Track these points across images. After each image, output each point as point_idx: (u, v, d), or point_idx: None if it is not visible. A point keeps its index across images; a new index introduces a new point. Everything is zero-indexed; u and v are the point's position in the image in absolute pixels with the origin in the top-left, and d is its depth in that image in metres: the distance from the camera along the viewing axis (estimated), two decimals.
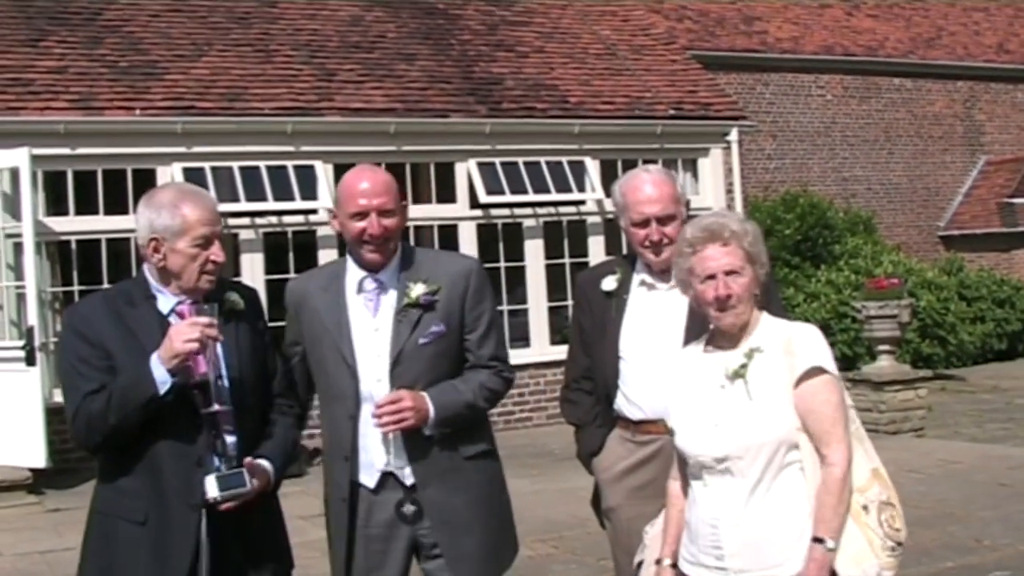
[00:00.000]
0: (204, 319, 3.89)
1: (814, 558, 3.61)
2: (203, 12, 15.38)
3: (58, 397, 12.13)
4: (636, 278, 4.75)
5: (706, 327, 3.98)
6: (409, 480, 4.30)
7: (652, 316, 4.50)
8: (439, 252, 4.71)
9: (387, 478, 4.32)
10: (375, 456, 4.31)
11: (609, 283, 4.81)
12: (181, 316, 4.00)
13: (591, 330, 4.86)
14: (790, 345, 3.76)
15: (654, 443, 4.57)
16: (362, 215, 4.25)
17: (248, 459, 3.99)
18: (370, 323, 4.35)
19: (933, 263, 21.99)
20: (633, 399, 4.65)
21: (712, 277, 3.78)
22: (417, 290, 4.31)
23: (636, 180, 4.72)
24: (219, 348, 4.00)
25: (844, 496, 3.64)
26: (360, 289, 4.39)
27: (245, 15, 15.57)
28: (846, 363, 17.60)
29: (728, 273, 3.77)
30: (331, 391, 4.38)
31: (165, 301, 4.04)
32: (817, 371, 3.71)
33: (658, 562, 4.03)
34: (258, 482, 3.98)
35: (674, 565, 3.95)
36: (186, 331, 3.82)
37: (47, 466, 11.40)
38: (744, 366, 3.76)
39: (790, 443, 3.69)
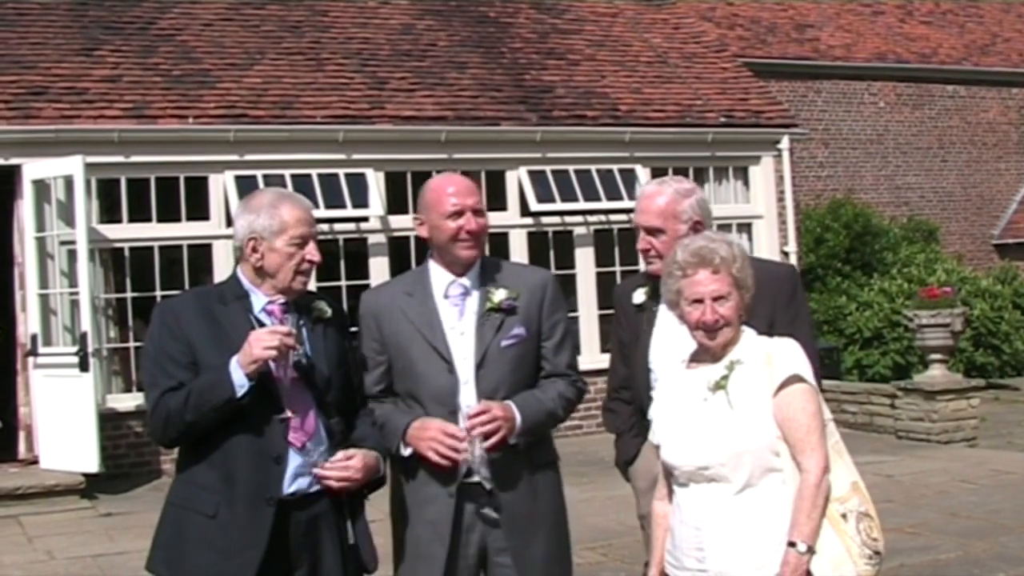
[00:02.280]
0: (284, 328, 4.03)
1: (787, 561, 3.72)
2: (255, 21, 15.49)
3: (111, 403, 12.33)
4: None
5: None
6: (489, 485, 4.34)
7: (680, 328, 4.55)
8: (514, 263, 4.84)
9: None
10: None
11: (639, 296, 4.90)
12: (271, 314, 4.14)
13: (627, 341, 4.94)
14: (770, 357, 3.87)
15: None
16: (459, 213, 4.43)
17: (345, 452, 4.13)
18: (456, 326, 4.44)
19: (987, 271, 21.80)
20: None
21: (700, 301, 3.89)
22: (499, 295, 4.44)
23: (639, 192, 4.90)
24: (307, 352, 4.14)
25: (818, 502, 3.74)
26: (446, 294, 4.48)
27: (297, 24, 15.66)
28: (899, 372, 17.49)
29: (715, 299, 3.88)
30: (424, 392, 4.40)
31: (256, 300, 4.17)
32: (795, 379, 3.81)
33: None
34: (362, 465, 4.12)
35: None
36: (266, 338, 3.94)
37: (100, 471, 11.51)
38: (725, 377, 3.88)
39: (771, 450, 3.79)
